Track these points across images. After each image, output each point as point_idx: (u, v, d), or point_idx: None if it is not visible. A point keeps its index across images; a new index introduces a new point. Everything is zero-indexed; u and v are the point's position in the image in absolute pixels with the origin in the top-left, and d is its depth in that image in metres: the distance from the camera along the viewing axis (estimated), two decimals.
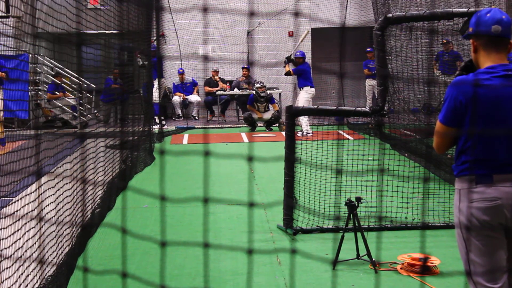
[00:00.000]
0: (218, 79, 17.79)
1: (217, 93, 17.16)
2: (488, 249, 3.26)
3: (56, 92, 15.74)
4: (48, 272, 4.65)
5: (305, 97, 13.66)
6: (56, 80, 15.56)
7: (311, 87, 13.80)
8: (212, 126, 16.47)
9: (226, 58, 17.98)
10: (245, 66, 17.19)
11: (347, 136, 13.25)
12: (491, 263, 3.27)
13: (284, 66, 14.12)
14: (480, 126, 3.27)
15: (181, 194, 8.34)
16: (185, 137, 14.49)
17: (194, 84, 17.95)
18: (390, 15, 6.81)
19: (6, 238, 4.04)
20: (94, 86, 15.65)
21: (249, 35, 18.44)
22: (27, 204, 4.41)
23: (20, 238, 4.24)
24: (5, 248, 4.00)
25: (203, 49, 18.24)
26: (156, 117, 14.28)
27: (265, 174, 9.63)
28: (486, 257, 3.26)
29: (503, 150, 3.26)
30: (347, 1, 16.64)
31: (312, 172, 6.92)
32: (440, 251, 5.67)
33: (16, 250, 4.16)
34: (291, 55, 13.90)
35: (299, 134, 13.21)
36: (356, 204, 5.43)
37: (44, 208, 4.60)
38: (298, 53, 13.84)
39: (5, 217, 4.07)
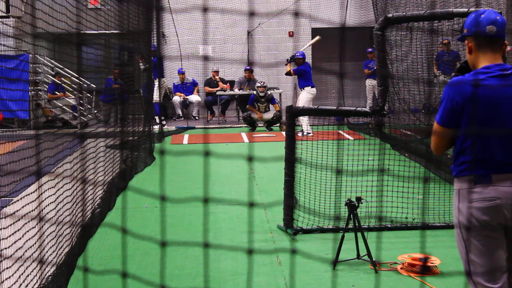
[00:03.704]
0: (218, 79, 17.79)
1: (217, 93, 17.16)
2: (487, 249, 3.26)
3: (56, 92, 15.75)
4: (48, 272, 4.65)
5: (306, 97, 13.66)
6: (56, 80, 15.56)
7: (312, 87, 13.81)
8: (212, 126, 16.47)
9: (226, 58, 17.97)
10: (248, 67, 17.16)
11: (347, 136, 13.25)
12: (491, 263, 3.27)
13: (286, 65, 14.11)
14: (477, 126, 3.27)
15: (181, 194, 8.34)
16: (185, 137, 14.49)
17: (194, 84, 17.94)
18: (390, 15, 6.81)
19: (6, 238, 4.04)
20: (94, 86, 15.65)
21: (249, 35, 18.43)
22: (27, 204, 4.41)
23: (20, 238, 4.24)
24: (5, 248, 4.00)
25: (203, 49, 18.24)
26: (156, 117, 14.28)
27: (265, 174, 9.63)
28: (486, 257, 3.26)
29: (501, 150, 3.26)
30: (347, 1, 16.64)
31: (312, 172, 6.91)
32: (440, 251, 5.67)
33: (16, 250, 4.16)
34: (294, 55, 13.92)
35: (300, 134, 13.21)
36: (356, 204, 5.43)
37: (44, 208, 4.60)
38: (298, 54, 13.84)
39: (5, 217, 4.07)
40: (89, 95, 15.97)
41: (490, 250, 3.26)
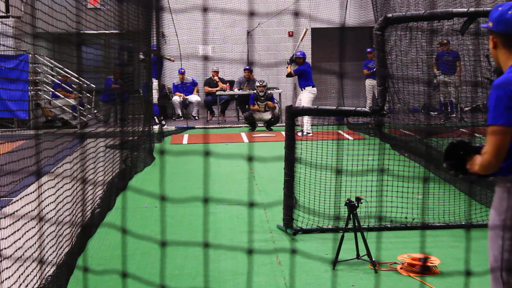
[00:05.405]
0: (218, 79, 17.80)
1: (217, 93, 17.16)
2: None
3: (58, 93, 15.75)
4: (48, 272, 4.65)
5: (307, 97, 13.66)
6: (57, 81, 15.55)
7: (312, 86, 13.81)
8: (212, 126, 16.47)
9: (226, 58, 17.97)
10: (247, 67, 17.16)
11: (347, 136, 13.25)
12: None
13: (287, 67, 14.09)
14: None
15: (181, 194, 8.34)
16: (185, 137, 14.49)
17: (194, 84, 17.95)
18: (390, 15, 6.81)
19: (6, 238, 4.04)
20: (94, 86, 15.65)
21: (249, 35, 18.43)
22: (27, 204, 4.41)
23: (20, 238, 4.24)
24: (5, 248, 4.00)
25: (203, 49, 18.24)
26: (155, 117, 14.28)
27: (265, 174, 9.63)
28: None
29: None
30: (347, 1, 16.63)
31: (312, 172, 6.92)
32: (440, 251, 5.67)
33: (16, 250, 4.16)
34: (293, 55, 13.90)
35: (299, 134, 13.21)
36: (356, 204, 5.43)
37: (44, 208, 4.60)
38: (298, 53, 13.84)
39: (5, 217, 4.07)
40: (89, 95, 15.97)
41: None
